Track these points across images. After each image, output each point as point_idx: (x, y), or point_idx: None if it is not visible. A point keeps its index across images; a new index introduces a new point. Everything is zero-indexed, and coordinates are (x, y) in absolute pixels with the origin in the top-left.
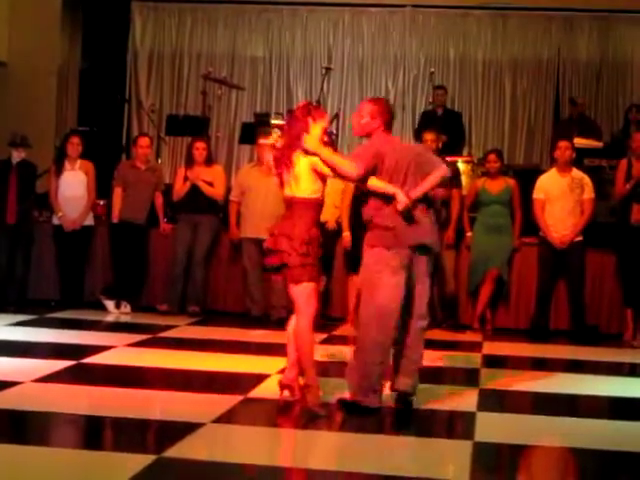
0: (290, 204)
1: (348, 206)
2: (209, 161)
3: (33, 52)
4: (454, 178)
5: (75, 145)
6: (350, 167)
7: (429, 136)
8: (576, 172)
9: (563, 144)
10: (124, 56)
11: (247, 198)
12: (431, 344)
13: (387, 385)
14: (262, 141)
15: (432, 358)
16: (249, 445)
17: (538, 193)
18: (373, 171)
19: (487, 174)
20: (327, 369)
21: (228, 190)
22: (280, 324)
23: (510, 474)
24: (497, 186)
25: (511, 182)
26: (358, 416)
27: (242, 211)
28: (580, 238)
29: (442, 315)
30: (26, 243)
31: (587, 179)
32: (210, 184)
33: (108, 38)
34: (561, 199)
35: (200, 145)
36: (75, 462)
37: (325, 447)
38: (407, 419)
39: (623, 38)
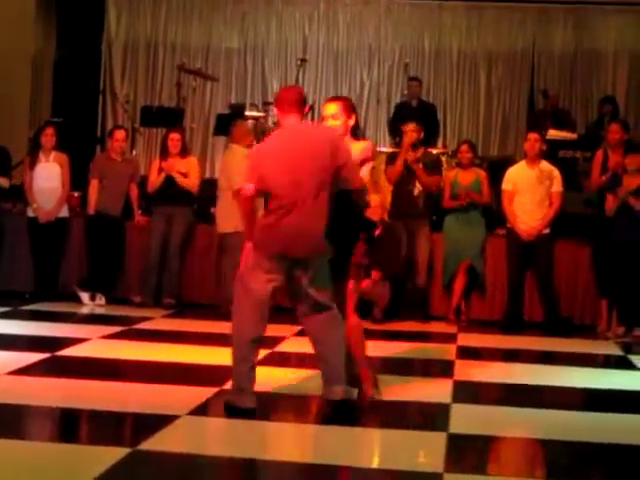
0: None
1: None
2: (184, 152)
3: (7, 42)
4: (436, 169)
5: (49, 136)
6: None
7: (410, 126)
8: (545, 164)
9: (532, 136)
10: (98, 47)
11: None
12: (406, 336)
13: None
14: None
15: (407, 350)
16: (224, 437)
17: (507, 184)
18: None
19: (460, 165)
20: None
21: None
22: None
23: (484, 465)
24: (468, 177)
25: (481, 173)
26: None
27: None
28: (547, 231)
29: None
30: None
31: (556, 172)
32: (185, 175)
33: (82, 28)
34: (529, 191)
35: (175, 136)
36: (49, 455)
37: (299, 439)
38: (382, 411)
39: (597, 30)
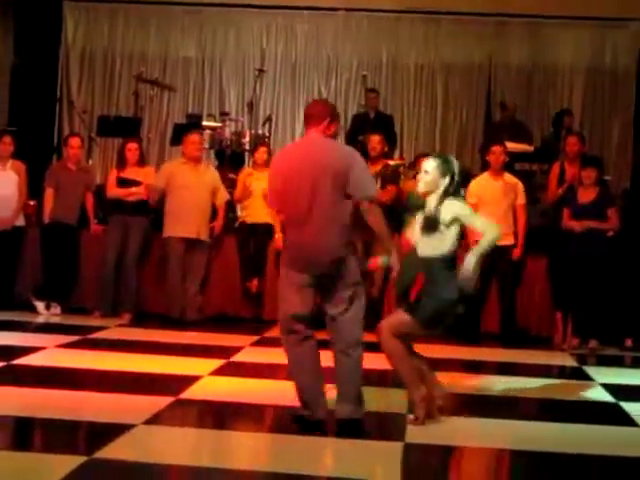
0: None
1: None
2: (142, 162)
3: None
4: (394, 180)
5: (6, 145)
6: None
7: (376, 138)
8: (509, 177)
9: (497, 149)
10: (56, 55)
11: (178, 195)
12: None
13: None
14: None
15: (365, 360)
16: (180, 446)
17: (470, 197)
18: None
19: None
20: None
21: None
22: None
23: (441, 475)
24: None
25: None
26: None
27: (170, 209)
28: (512, 242)
29: None
30: None
31: (520, 185)
32: (139, 184)
33: (40, 37)
34: (493, 203)
35: (132, 146)
36: (4, 463)
37: (254, 448)
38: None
39: (554, 43)
